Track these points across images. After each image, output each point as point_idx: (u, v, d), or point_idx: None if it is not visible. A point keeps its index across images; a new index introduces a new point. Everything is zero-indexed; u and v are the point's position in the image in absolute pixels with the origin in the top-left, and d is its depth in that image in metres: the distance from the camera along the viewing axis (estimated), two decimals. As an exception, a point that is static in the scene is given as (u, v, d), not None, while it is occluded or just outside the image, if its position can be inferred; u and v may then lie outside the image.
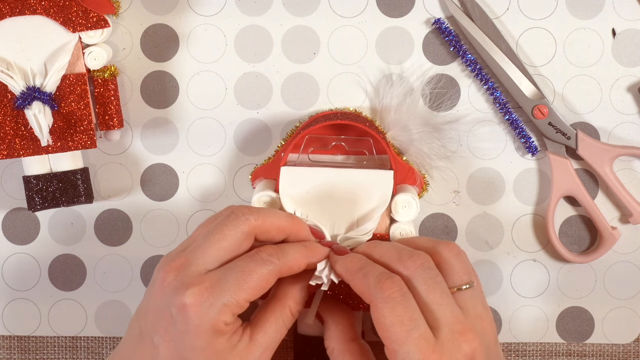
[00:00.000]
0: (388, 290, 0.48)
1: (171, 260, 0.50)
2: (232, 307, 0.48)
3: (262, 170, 0.60)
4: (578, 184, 0.61)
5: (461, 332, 0.48)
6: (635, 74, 0.62)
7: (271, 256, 0.50)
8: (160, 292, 0.50)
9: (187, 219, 0.64)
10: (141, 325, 0.51)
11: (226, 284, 0.48)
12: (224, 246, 0.50)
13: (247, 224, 0.51)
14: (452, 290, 0.50)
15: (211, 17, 0.62)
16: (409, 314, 0.47)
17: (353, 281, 0.51)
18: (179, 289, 0.48)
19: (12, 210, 0.64)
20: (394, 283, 0.48)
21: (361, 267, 0.50)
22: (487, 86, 0.62)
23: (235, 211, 0.51)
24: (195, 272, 0.49)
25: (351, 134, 0.60)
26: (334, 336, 0.52)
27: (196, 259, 0.50)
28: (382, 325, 0.48)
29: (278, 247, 0.51)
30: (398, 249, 0.51)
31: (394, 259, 0.51)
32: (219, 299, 0.48)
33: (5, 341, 0.65)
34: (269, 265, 0.50)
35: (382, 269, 0.50)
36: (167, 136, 0.63)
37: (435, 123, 0.61)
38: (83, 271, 0.64)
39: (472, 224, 0.63)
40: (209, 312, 0.48)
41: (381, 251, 0.52)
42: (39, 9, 0.57)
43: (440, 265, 0.51)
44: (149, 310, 0.50)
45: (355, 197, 0.57)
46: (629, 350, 0.64)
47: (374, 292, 0.48)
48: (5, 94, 0.58)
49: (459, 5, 0.61)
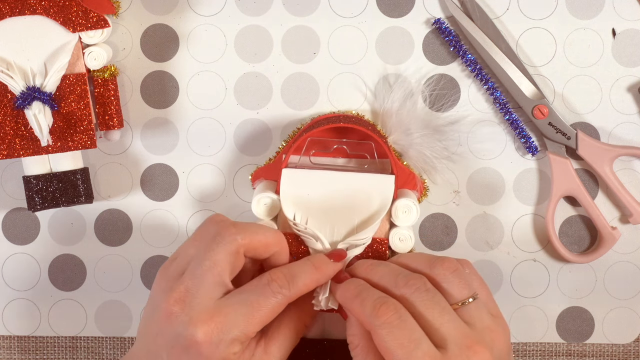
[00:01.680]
0: (384, 316, 0.48)
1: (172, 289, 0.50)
2: (240, 339, 0.49)
3: (262, 171, 0.60)
4: (578, 184, 0.61)
5: (469, 346, 0.48)
6: (635, 74, 0.62)
7: (282, 288, 0.51)
8: (167, 322, 0.50)
9: (187, 219, 0.64)
10: (150, 346, 0.51)
11: (236, 320, 0.49)
12: (218, 272, 0.50)
13: (235, 244, 0.51)
14: (456, 307, 0.50)
15: (211, 17, 0.62)
16: (407, 335, 0.48)
17: (352, 309, 0.51)
18: (188, 325, 0.49)
19: (12, 210, 0.64)
20: (388, 308, 0.49)
21: (358, 294, 0.51)
22: (487, 86, 0.62)
23: (221, 232, 0.51)
24: (202, 306, 0.49)
25: (353, 137, 0.60)
26: (357, 333, 0.52)
27: (197, 290, 0.50)
28: (385, 350, 0.48)
29: (289, 274, 0.52)
30: (395, 274, 0.52)
31: (391, 284, 0.51)
32: (228, 335, 0.49)
33: (5, 341, 0.65)
34: (279, 297, 0.50)
35: (379, 294, 0.50)
36: (167, 136, 0.63)
37: (436, 125, 0.61)
38: (83, 271, 0.64)
39: (472, 224, 0.63)
40: (220, 346, 0.49)
41: (378, 275, 0.52)
42: (39, 9, 0.57)
43: (439, 284, 0.51)
44: (157, 334, 0.51)
45: (356, 200, 0.57)
46: (629, 350, 0.64)
47: (371, 320, 0.49)
48: (5, 94, 0.58)
49: (459, 5, 0.61)
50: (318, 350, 0.58)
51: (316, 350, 0.58)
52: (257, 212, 0.57)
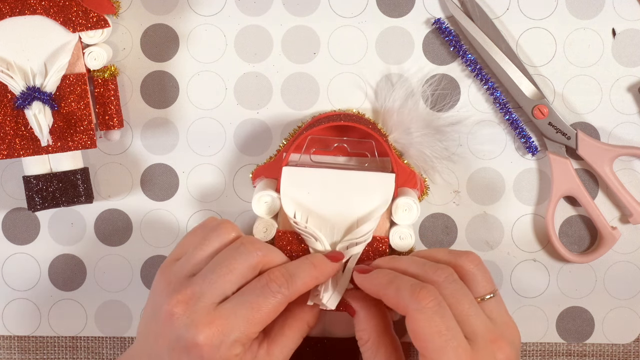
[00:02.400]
0: (424, 301, 0.48)
1: (176, 291, 0.50)
2: (241, 341, 0.49)
3: (263, 170, 0.60)
4: (578, 184, 0.61)
5: (493, 340, 0.48)
6: (635, 74, 0.62)
7: (281, 287, 0.51)
8: (168, 324, 0.50)
9: (187, 219, 0.64)
10: (153, 348, 0.51)
11: (236, 322, 0.49)
12: (230, 280, 0.51)
13: (256, 259, 0.51)
14: (477, 301, 0.51)
15: (211, 17, 0.62)
16: (446, 323, 0.47)
17: (385, 295, 0.51)
18: (190, 327, 0.49)
19: (12, 210, 0.64)
20: (429, 293, 0.48)
21: (391, 281, 0.50)
22: (487, 86, 0.62)
23: (244, 243, 0.52)
24: (204, 309, 0.49)
25: (353, 135, 0.60)
26: (367, 328, 0.52)
27: (203, 294, 0.50)
28: (420, 336, 0.47)
29: (288, 273, 0.51)
30: (420, 263, 0.51)
31: (419, 273, 0.51)
32: (229, 337, 0.49)
33: (5, 341, 0.65)
34: (278, 297, 0.50)
35: (414, 280, 0.50)
36: (167, 136, 0.63)
37: (437, 125, 0.61)
38: (83, 271, 0.64)
39: (472, 224, 0.63)
40: (221, 349, 0.49)
41: (403, 266, 0.52)
42: (39, 9, 0.57)
43: (464, 276, 0.51)
44: (158, 335, 0.51)
45: (356, 199, 0.57)
46: (629, 350, 0.64)
47: (409, 303, 0.48)
48: (5, 94, 0.58)
49: (459, 5, 0.61)
50: (319, 349, 0.58)
51: (317, 349, 0.58)
52: (258, 211, 0.57)
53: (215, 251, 0.53)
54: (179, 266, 0.52)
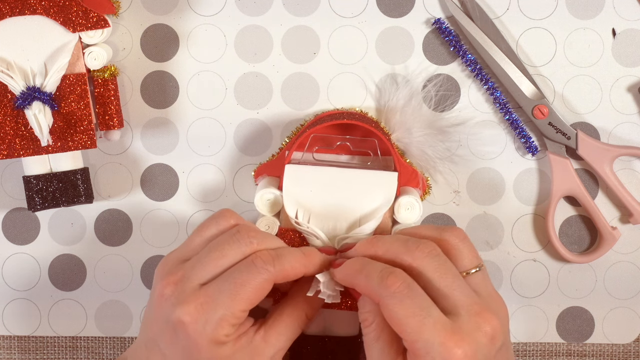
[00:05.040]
0: (393, 286, 0.47)
1: (169, 273, 0.51)
2: (228, 320, 0.49)
3: (265, 168, 0.60)
4: (578, 184, 0.61)
5: (478, 312, 0.48)
6: (635, 74, 0.62)
7: (266, 264, 0.50)
8: (159, 305, 0.50)
9: (187, 219, 0.64)
10: (148, 334, 0.51)
11: (220, 298, 0.49)
12: (222, 264, 0.50)
13: (250, 247, 0.51)
14: (463, 275, 0.50)
15: (211, 17, 0.62)
16: (418, 304, 0.47)
17: (357, 285, 0.50)
18: (176, 306, 0.49)
19: (12, 210, 0.64)
20: (397, 277, 0.48)
21: (361, 269, 0.50)
22: (487, 86, 0.62)
23: (240, 230, 0.51)
24: (190, 288, 0.49)
25: (356, 134, 0.60)
26: (372, 309, 0.51)
27: (193, 274, 0.50)
28: (395, 321, 0.47)
29: (275, 253, 0.51)
30: (403, 240, 0.51)
31: (401, 250, 0.50)
32: (214, 314, 0.48)
33: (5, 341, 0.65)
34: (264, 274, 0.50)
35: (383, 266, 0.49)
36: (167, 136, 0.63)
37: (439, 126, 0.61)
38: (83, 271, 0.64)
39: (472, 224, 0.63)
40: (206, 328, 0.48)
41: (386, 245, 0.51)
42: (39, 9, 0.57)
43: (449, 251, 0.51)
44: (152, 320, 0.51)
45: (359, 197, 0.56)
46: (629, 350, 0.64)
47: (379, 291, 0.48)
48: (5, 94, 0.58)
49: (459, 5, 0.61)
50: (319, 347, 0.58)
51: (317, 347, 0.58)
52: (260, 209, 0.57)
53: (212, 237, 0.53)
54: (177, 252, 0.53)
